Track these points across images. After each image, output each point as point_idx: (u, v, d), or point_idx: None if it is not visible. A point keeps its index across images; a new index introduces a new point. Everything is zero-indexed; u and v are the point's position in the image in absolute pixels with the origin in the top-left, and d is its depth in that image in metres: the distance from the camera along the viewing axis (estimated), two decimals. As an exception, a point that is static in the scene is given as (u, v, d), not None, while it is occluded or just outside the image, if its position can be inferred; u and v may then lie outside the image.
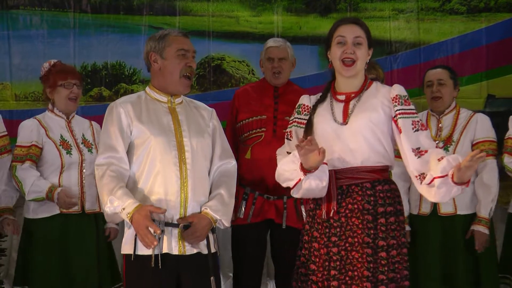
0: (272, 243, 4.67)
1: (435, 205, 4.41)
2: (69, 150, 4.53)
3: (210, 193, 3.46)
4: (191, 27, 6.07)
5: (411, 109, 3.25)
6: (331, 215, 3.24)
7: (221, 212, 3.36)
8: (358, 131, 3.24)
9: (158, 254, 3.23)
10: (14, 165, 4.45)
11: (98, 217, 4.46)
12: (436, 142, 4.20)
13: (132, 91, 5.72)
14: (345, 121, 3.26)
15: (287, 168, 3.25)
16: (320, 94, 3.37)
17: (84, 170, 4.51)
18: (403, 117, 3.23)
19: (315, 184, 3.17)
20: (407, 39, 6.18)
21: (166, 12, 6.14)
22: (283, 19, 6.17)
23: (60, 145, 4.51)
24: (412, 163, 3.17)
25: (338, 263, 3.23)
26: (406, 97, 3.24)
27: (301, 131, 3.33)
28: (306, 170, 3.12)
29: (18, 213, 4.96)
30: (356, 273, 3.18)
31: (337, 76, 3.31)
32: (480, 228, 4.37)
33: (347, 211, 3.24)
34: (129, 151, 3.35)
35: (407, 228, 4.20)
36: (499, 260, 4.60)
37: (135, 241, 3.28)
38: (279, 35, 5.85)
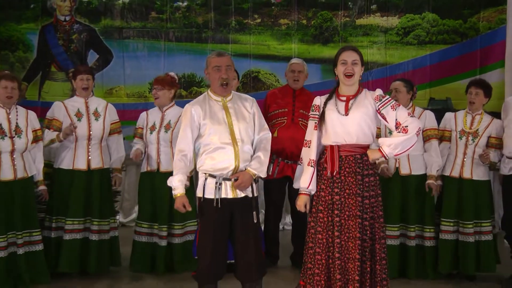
0: (289, 191, 5.36)
1: (397, 168, 5.00)
2: (153, 131, 5.13)
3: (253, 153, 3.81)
4: (239, 52, 7.20)
5: (387, 99, 3.68)
6: (334, 174, 3.64)
7: (258, 170, 3.78)
8: (355, 120, 3.62)
9: (218, 198, 3.70)
10: (132, 138, 5.31)
11: None
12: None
13: (201, 92, 6.40)
14: (346, 113, 3.64)
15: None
16: (327, 95, 3.76)
17: (160, 143, 5.09)
18: (384, 108, 3.65)
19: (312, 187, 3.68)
20: (378, 60, 7.18)
21: (223, 41, 7.26)
22: (298, 47, 7.23)
23: (149, 128, 5.16)
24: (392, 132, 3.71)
25: (339, 206, 3.63)
26: (382, 95, 3.70)
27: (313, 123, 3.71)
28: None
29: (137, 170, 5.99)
30: (351, 213, 3.61)
31: (341, 85, 3.73)
32: (432, 181, 4.99)
33: (345, 172, 3.65)
34: (201, 135, 3.77)
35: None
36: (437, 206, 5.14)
37: (203, 189, 3.75)
38: (295, 57, 6.43)
